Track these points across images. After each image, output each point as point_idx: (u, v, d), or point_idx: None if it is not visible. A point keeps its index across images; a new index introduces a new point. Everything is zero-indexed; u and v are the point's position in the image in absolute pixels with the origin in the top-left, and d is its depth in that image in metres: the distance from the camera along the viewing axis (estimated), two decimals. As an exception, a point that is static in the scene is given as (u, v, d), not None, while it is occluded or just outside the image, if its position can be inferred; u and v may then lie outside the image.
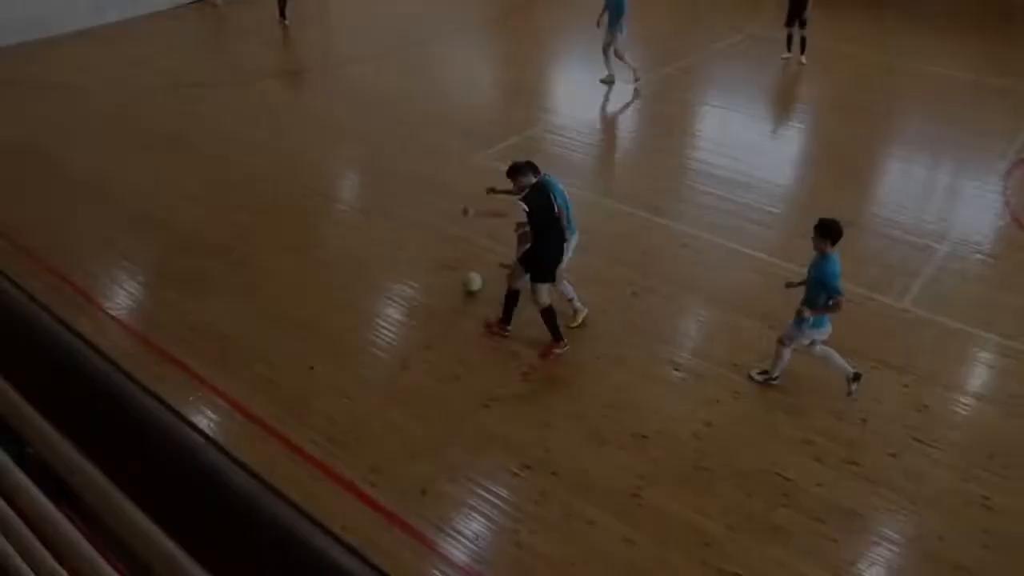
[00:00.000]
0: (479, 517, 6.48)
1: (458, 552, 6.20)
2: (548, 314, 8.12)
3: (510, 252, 9.00)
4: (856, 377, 7.62)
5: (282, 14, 18.49)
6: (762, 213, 10.94)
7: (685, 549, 6.22)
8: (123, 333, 8.78)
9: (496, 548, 6.28)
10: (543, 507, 6.57)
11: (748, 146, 12.94)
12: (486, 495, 6.68)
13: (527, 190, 7.96)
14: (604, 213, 10.94)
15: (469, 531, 6.37)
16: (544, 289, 8.03)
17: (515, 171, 8.11)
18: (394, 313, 9.08)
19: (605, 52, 14.62)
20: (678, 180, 11.85)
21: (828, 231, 7.07)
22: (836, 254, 7.14)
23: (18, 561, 1.32)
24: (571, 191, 11.32)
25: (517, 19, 19.40)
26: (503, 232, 10.43)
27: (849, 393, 7.64)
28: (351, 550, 0.89)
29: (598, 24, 14.42)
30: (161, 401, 1.00)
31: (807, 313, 7.14)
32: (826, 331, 7.39)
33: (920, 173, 12.54)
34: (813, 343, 7.49)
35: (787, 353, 7.63)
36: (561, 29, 18.95)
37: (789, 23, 15.56)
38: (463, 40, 18.07)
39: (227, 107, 14.48)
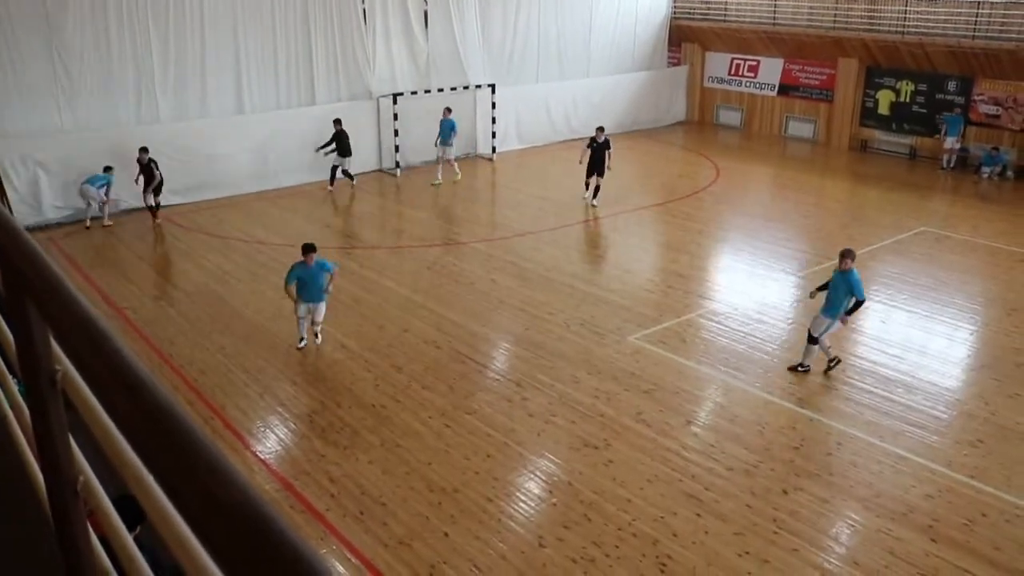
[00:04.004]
0: None
1: None
2: None
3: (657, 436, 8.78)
4: None
5: (332, 181, 20.39)
6: (926, 416, 10.37)
7: None
8: (268, 476, 9.05)
9: None
10: None
11: (912, 345, 12.44)
12: None
13: None
14: (756, 404, 10.70)
15: None
16: None
17: None
18: (535, 488, 8.98)
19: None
20: (836, 375, 11.45)
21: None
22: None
23: None
24: (725, 379, 11.28)
25: (684, 206, 19.77)
26: (647, 411, 10.35)
27: None
28: None
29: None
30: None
31: None
32: None
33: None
34: None
35: None
36: (724, 219, 19.16)
37: None
38: (628, 221, 18.51)
39: (392, 269, 15.22)
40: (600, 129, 19.22)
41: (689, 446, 9.69)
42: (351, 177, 20.53)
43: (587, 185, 19.29)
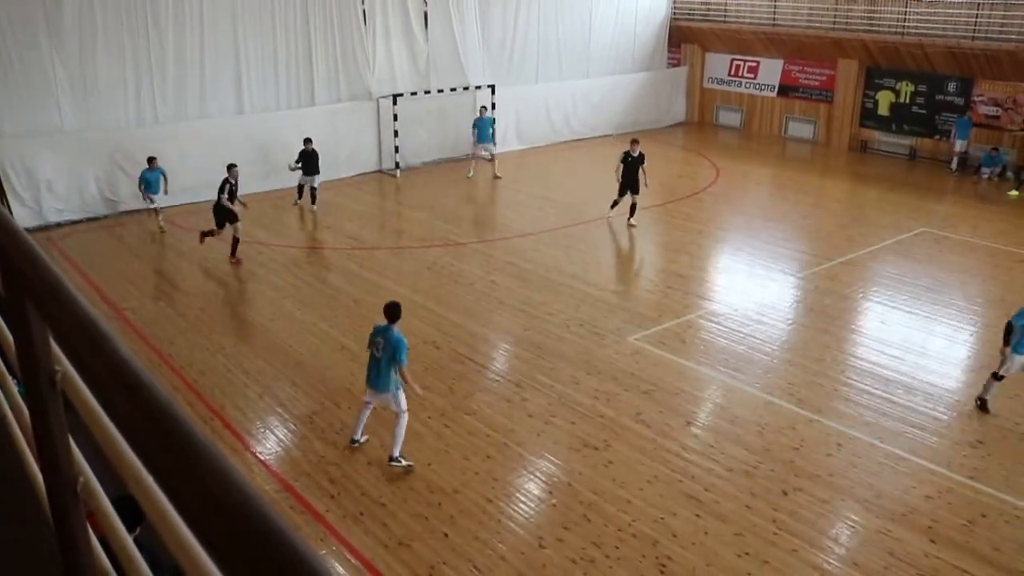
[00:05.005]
0: None
1: None
2: None
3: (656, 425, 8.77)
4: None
5: (300, 194, 19.26)
6: (925, 418, 10.37)
7: None
8: (268, 477, 9.05)
9: None
10: None
11: (912, 345, 12.44)
12: None
13: None
14: (756, 405, 10.69)
15: None
16: None
17: None
18: (534, 488, 8.98)
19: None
20: (836, 376, 11.45)
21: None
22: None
23: None
24: (725, 380, 11.28)
25: (684, 207, 19.75)
26: (647, 412, 10.36)
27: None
28: None
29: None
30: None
31: None
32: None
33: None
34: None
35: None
36: (724, 220, 19.17)
37: None
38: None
39: (392, 270, 15.22)
40: (635, 142, 17.87)
41: (689, 447, 9.68)
42: (314, 199, 18.94)
43: (615, 203, 17.91)
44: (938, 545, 8.05)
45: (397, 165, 22.03)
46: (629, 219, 17.81)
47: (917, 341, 12.67)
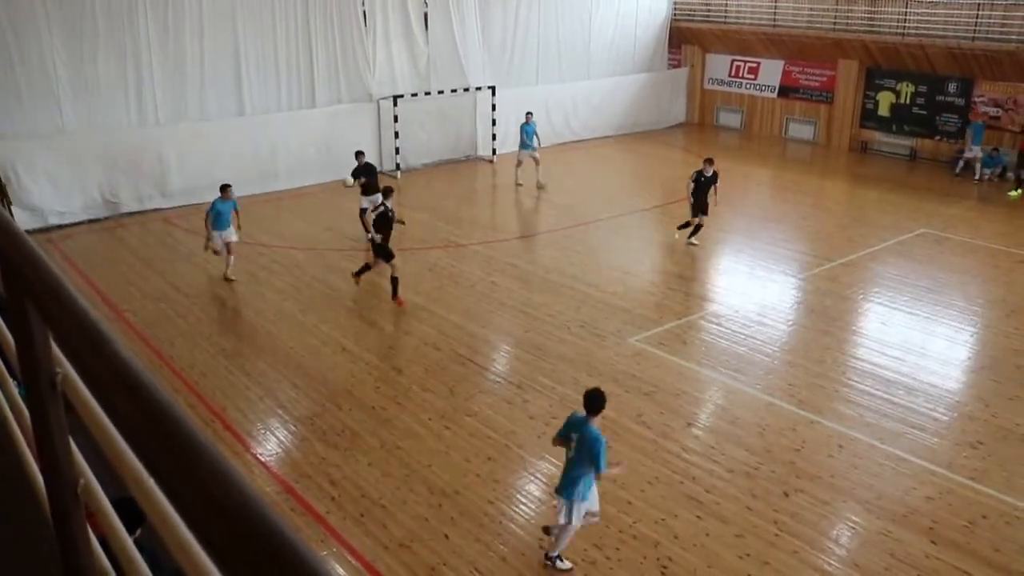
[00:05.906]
0: None
1: None
2: None
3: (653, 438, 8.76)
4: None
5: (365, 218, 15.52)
6: (926, 419, 10.37)
7: None
8: (269, 478, 9.05)
9: None
10: None
11: (912, 346, 12.44)
12: None
13: None
14: (757, 406, 10.69)
15: None
16: None
17: None
18: (535, 491, 8.97)
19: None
20: (836, 377, 11.45)
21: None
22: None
23: None
24: (726, 381, 11.28)
25: (684, 208, 19.73)
26: (648, 413, 10.36)
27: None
28: None
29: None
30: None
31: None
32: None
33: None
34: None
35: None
36: (724, 220, 19.14)
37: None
38: (628, 223, 18.49)
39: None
40: (709, 161, 16.68)
41: (690, 448, 9.68)
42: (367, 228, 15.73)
43: (687, 226, 16.85)
44: (939, 546, 8.05)
45: (398, 166, 22.03)
46: (690, 237, 16.82)
47: (918, 342, 12.67)
